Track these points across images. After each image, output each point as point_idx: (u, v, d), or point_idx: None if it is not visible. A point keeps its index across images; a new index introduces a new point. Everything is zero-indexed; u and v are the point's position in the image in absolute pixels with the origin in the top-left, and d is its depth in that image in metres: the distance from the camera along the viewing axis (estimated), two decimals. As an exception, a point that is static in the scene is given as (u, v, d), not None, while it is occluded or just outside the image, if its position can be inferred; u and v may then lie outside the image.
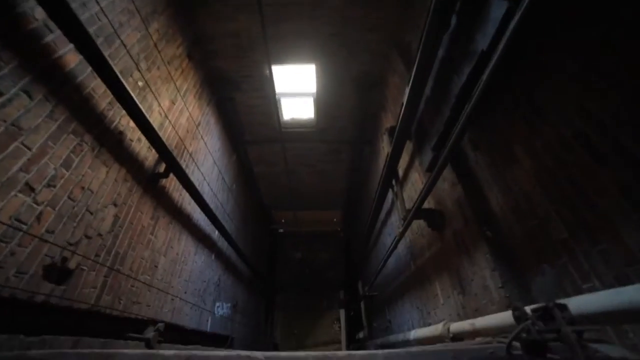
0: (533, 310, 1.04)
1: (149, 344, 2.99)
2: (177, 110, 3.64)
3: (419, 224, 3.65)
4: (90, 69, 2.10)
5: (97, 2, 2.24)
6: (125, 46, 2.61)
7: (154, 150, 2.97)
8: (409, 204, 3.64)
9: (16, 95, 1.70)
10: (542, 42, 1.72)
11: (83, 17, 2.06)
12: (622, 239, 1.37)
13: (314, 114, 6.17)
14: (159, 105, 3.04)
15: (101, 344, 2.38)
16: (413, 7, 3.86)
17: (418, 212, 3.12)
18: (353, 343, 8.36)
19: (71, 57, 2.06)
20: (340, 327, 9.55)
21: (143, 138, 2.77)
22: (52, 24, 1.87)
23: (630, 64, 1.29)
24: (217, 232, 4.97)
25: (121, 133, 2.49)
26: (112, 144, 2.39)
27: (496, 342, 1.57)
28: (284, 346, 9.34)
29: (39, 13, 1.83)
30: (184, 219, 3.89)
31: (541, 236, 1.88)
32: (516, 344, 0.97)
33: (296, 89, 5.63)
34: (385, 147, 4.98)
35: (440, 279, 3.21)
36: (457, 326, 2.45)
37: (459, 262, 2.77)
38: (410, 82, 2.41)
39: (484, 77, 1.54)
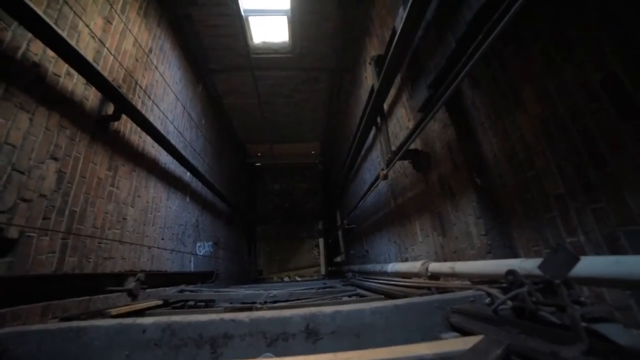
0: (533, 282, 0.97)
1: (131, 294, 2.97)
2: (117, 33, 2.90)
3: (402, 164, 3.55)
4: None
5: None
6: None
7: (94, 88, 2.41)
8: (393, 142, 3.45)
9: None
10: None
11: None
12: (624, 200, 1.30)
13: (289, 36, 5.33)
14: (87, 25, 2.35)
15: (78, 303, 2.27)
16: None
17: (404, 153, 2.96)
18: (331, 266, 9.15)
19: None
20: (319, 252, 10.31)
21: (75, 72, 2.19)
22: None
23: None
24: (188, 173, 4.66)
25: (37, 65, 1.91)
26: (26, 82, 1.82)
27: (475, 290, 1.59)
28: (268, 271, 10.10)
29: None
30: (149, 164, 3.51)
31: (534, 188, 1.80)
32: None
33: (267, 4, 4.68)
34: (369, 78, 4.51)
35: (420, 219, 3.26)
36: (436, 266, 2.56)
37: (442, 205, 2.75)
38: (410, 1, 1.94)
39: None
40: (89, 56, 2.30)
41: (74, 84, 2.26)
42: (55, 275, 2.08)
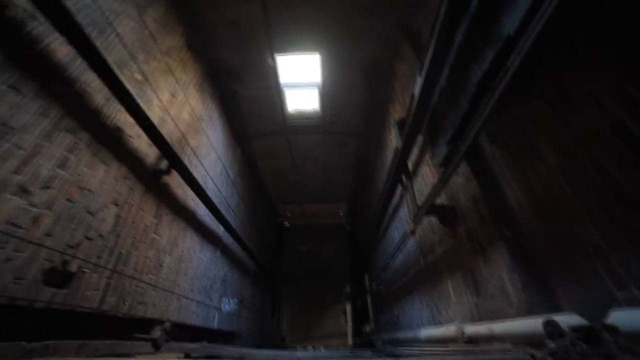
0: (573, 330, 0.92)
1: (155, 344, 2.97)
2: (178, 104, 3.52)
3: (429, 220, 3.52)
4: (80, 60, 1.98)
5: (89, -10, 2.10)
6: (119, 36, 2.47)
7: (154, 147, 2.86)
8: (419, 199, 3.51)
9: (3, 92, 1.59)
10: (581, 22, 1.54)
11: (73, 6, 1.93)
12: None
13: (319, 105, 5.99)
14: (158, 98, 2.92)
15: (107, 346, 2.34)
16: (424, -9, 3.63)
17: (430, 209, 2.99)
18: (359, 336, 8.36)
19: (61, 49, 1.94)
20: (346, 320, 9.57)
21: (142, 134, 2.66)
22: (39, 14, 1.74)
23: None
24: (221, 227, 4.91)
25: (119, 129, 2.38)
26: (109, 141, 2.28)
27: (517, 352, 1.46)
28: (291, 339, 9.41)
29: (23, 1, 1.70)
30: (188, 216, 3.81)
31: (568, 238, 1.74)
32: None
33: (300, 79, 5.44)
34: (393, 140, 4.81)
35: (452, 278, 3.09)
36: (472, 329, 2.35)
37: (473, 261, 2.64)
38: (424, 71, 2.24)
39: (511, 65, 1.38)
40: (156, 122, 2.80)
41: (140, 142, 2.72)
42: (94, 313, 2.21)
